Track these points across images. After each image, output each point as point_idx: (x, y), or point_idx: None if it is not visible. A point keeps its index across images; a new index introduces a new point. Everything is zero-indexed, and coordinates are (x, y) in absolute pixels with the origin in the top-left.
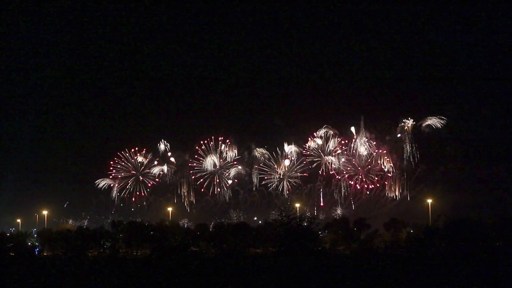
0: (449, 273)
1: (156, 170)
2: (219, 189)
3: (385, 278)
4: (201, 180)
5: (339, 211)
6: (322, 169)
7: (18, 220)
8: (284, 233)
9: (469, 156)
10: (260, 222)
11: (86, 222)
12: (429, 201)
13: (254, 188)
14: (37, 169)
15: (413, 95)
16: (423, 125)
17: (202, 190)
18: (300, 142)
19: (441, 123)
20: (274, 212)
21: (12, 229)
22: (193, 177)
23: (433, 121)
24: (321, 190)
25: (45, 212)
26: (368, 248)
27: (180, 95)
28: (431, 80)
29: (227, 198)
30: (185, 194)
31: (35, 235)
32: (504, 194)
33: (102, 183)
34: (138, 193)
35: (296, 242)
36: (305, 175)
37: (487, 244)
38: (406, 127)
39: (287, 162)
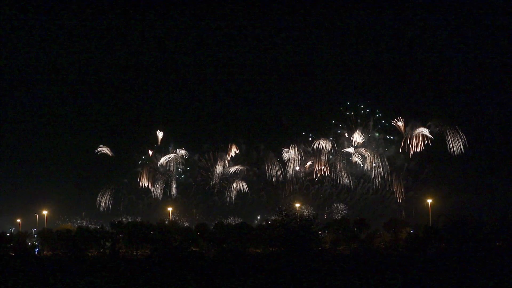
0: (449, 273)
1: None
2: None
3: (385, 278)
4: (211, 183)
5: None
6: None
7: (18, 220)
8: (284, 233)
9: (474, 157)
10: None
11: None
12: (429, 201)
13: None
14: (37, 169)
15: (420, 95)
16: (431, 126)
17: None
18: (307, 142)
19: (448, 126)
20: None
21: (12, 229)
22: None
23: (439, 126)
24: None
25: (45, 212)
26: (368, 248)
27: (186, 96)
28: (438, 81)
29: (233, 200)
30: (192, 194)
31: (35, 235)
32: (505, 194)
33: (103, 201)
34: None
35: (296, 242)
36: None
37: (487, 244)
38: (413, 128)
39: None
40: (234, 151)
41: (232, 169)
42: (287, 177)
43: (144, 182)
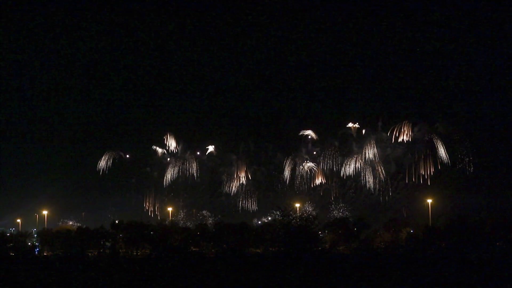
0: (449, 273)
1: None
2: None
3: (385, 278)
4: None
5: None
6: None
7: (18, 220)
8: (284, 233)
9: (479, 157)
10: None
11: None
12: (429, 201)
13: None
14: (37, 169)
15: (428, 97)
16: (438, 128)
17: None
18: (317, 143)
19: (454, 126)
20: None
21: (12, 229)
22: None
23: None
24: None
25: (45, 212)
26: (368, 248)
27: (195, 96)
28: (444, 82)
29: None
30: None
31: (35, 235)
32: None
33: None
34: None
35: (296, 242)
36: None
37: (487, 244)
38: (421, 130)
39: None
40: (243, 176)
41: (234, 189)
42: (295, 182)
43: (151, 208)
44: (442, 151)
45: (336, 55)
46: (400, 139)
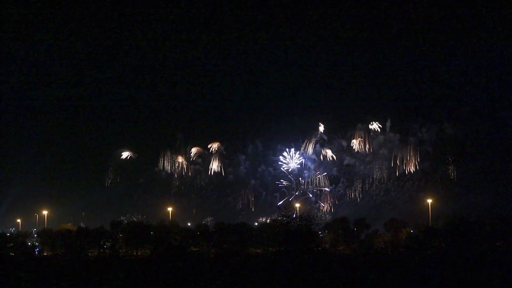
0: (449, 273)
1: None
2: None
3: (385, 278)
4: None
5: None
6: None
7: (18, 220)
8: (284, 233)
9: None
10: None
11: None
12: (429, 201)
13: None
14: (38, 169)
15: (436, 98)
16: (447, 128)
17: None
18: (322, 142)
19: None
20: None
21: (12, 229)
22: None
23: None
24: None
25: (45, 212)
26: (368, 248)
27: (203, 97)
28: (447, 82)
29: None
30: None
31: (35, 235)
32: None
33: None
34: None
35: (296, 242)
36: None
37: (487, 244)
38: (429, 130)
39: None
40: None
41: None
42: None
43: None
44: (451, 170)
45: (343, 54)
46: (407, 171)
